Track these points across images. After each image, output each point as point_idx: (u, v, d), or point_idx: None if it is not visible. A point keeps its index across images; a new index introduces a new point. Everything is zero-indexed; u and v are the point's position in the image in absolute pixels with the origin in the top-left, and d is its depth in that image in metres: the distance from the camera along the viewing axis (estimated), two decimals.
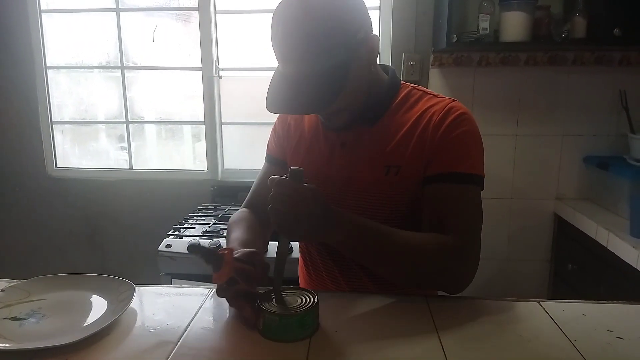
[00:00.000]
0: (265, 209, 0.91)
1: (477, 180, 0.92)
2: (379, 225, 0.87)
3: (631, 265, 1.51)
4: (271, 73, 0.97)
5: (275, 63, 0.94)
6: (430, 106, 0.96)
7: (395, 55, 2.12)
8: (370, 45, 0.91)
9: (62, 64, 2.44)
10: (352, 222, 0.85)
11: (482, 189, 0.93)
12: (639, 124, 1.97)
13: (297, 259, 1.22)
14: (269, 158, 1.17)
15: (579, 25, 1.84)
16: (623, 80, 2.04)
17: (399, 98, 1.00)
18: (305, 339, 0.78)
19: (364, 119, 0.98)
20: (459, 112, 0.93)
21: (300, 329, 0.78)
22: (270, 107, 0.91)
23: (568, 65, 2.06)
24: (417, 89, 1.02)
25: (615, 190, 1.90)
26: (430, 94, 1.00)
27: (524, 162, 2.15)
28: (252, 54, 2.33)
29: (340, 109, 0.93)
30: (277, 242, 0.86)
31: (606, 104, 2.08)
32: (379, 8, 2.18)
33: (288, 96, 0.89)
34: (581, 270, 1.92)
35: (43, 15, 2.37)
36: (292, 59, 0.87)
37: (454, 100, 0.96)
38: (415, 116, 0.96)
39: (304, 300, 0.82)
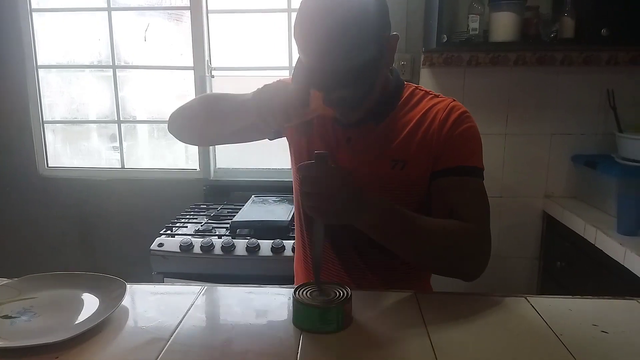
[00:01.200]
0: None
1: (480, 173, 0.99)
2: (405, 210, 0.90)
3: (618, 262, 1.53)
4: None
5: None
6: (434, 105, 1.01)
7: None
8: (392, 44, 0.95)
9: (53, 63, 2.43)
10: (381, 205, 0.87)
11: (483, 180, 1.00)
12: (626, 123, 1.99)
13: (292, 257, 1.23)
14: None
15: (568, 25, 1.86)
16: (611, 80, 2.06)
17: (403, 97, 1.04)
18: (340, 331, 0.80)
19: (371, 116, 1.01)
20: (461, 110, 1.00)
21: (334, 320, 0.80)
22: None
23: (557, 65, 2.07)
24: (419, 89, 1.06)
25: (602, 189, 1.92)
26: (431, 93, 1.05)
27: (513, 161, 2.17)
28: (245, 53, 2.33)
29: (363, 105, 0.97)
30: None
31: (594, 104, 2.10)
32: None
33: (324, 85, 0.88)
34: (570, 267, 1.94)
35: (34, 14, 2.35)
36: (330, 54, 0.86)
37: (454, 100, 1.02)
38: (420, 114, 1.00)
39: (340, 294, 0.84)
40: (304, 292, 0.85)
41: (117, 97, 2.40)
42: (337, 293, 0.85)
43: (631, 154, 1.87)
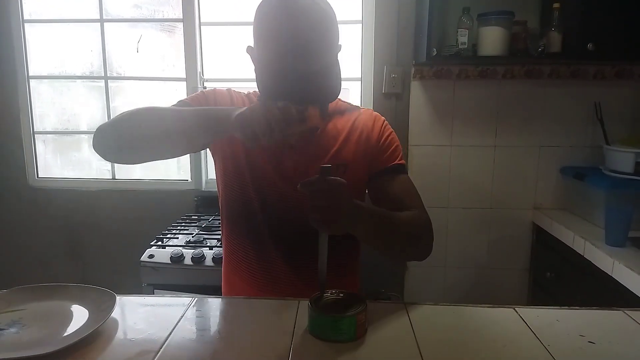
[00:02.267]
0: None
1: (406, 168, 1.14)
2: (382, 210, 1.00)
3: (607, 273, 1.55)
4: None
5: None
6: (358, 115, 1.14)
7: (377, 68, 2.16)
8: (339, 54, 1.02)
9: (45, 73, 2.43)
10: (369, 211, 0.94)
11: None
12: (613, 135, 2.02)
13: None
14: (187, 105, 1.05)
15: (555, 40, 1.89)
16: (598, 93, 2.10)
17: (332, 106, 1.13)
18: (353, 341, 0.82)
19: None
20: (382, 119, 1.15)
21: (347, 330, 0.82)
22: (287, 98, 0.92)
23: (544, 78, 2.11)
24: (340, 100, 1.16)
25: (591, 200, 1.95)
26: (351, 104, 1.17)
27: (502, 173, 2.19)
28: (236, 65, 2.34)
29: None
30: None
31: (582, 116, 2.13)
32: (362, 22, 2.21)
33: (307, 88, 0.93)
34: (559, 278, 1.95)
35: (26, 25, 2.36)
36: (309, 53, 0.91)
37: (372, 110, 1.17)
38: (349, 123, 1.12)
39: (356, 304, 0.86)
40: (322, 301, 0.87)
41: (108, 108, 2.40)
42: (354, 303, 0.86)
43: (618, 166, 1.90)
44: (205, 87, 2.33)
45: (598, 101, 2.08)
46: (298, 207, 1.03)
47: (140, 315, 0.91)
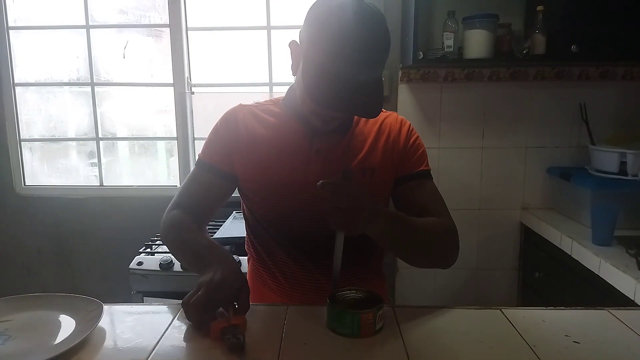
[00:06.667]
0: (197, 211, 1.04)
1: (431, 174, 1.14)
2: (402, 215, 1.00)
3: (593, 272, 1.57)
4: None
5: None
6: (384, 119, 1.13)
7: None
8: None
9: (31, 80, 2.41)
10: (387, 213, 0.94)
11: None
12: (598, 135, 2.05)
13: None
14: (208, 166, 1.10)
15: (539, 42, 1.92)
16: (582, 94, 2.13)
17: None
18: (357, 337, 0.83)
19: (338, 127, 1.06)
20: (408, 123, 1.14)
21: (350, 325, 0.84)
22: (346, 110, 0.96)
23: (530, 80, 2.14)
24: None
25: (577, 200, 1.97)
26: None
27: (490, 174, 2.21)
28: (224, 69, 2.35)
29: None
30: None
31: (567, 117, 2.16)
32: None
33: (367, 100, 0.93)
34: (547, 277, 1.97)
35: (11, 31, 2.34)
36: (371, 64, 0.91)
37: (397, 114, 1.16)
38: (376, 127, 1.11)
39: (373, 304, 0.87)
40: (346, 294, 0.91)
41: (95, 114, 2.39)
42: (373, 304, 0.87)
43: (604, 166, 1.92)
44: (192, 92, 2.33)
45: (583, 102, 2.10)
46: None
47: (128, 323, 0.91)
